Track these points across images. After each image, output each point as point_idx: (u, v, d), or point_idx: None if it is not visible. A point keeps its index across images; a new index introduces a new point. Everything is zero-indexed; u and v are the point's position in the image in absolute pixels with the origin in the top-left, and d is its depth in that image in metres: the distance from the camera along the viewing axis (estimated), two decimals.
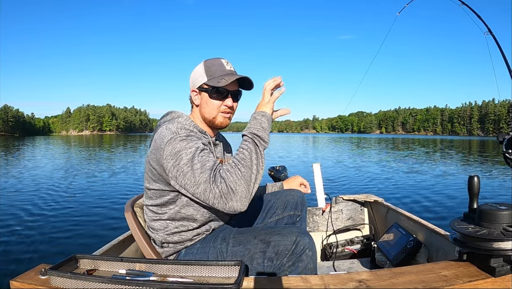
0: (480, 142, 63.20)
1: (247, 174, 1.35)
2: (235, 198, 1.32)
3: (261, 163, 1.41)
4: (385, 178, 11.34)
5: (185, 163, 1.40)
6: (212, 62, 1.68)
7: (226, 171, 1.35)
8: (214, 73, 1.64)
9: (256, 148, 1.42)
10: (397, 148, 35.13)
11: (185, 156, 1.41)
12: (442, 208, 6.96)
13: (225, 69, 1.66)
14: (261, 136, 1.45)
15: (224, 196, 1.32)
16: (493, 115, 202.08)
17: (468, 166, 16.73)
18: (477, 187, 1.37)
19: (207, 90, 1.65)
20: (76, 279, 1.11)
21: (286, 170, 2.79)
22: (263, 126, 1.48)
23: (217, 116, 1.68)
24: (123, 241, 2.09)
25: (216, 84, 1.61)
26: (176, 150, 1.43)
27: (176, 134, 1.47)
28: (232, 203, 1.33)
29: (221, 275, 1.22)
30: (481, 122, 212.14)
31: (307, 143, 49.38)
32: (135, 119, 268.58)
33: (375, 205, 2.96)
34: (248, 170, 1.36)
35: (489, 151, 31.53)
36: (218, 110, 1.67)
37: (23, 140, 69.59)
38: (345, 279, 1.16)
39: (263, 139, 1.45)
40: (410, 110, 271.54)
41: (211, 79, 1.63)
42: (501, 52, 2.15)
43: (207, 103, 1.67)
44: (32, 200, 7.60)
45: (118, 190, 9.03)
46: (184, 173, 1.40)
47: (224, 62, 1.68)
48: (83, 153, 25.95)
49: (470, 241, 1.23)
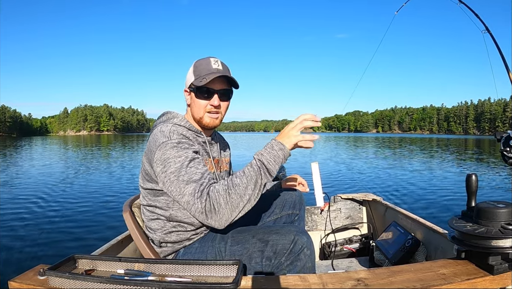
0: (476, 141, 63.43)
1: (235, 201, 1.34)
2: (215, 218, 1.34)
3: (257, 194, 1.38)
4: (383, 177, 11.37)
5: (172, 172, 1.42)
6: (200, 62, 1.67)
7: (216, 191, 1.35)
8: (200, 73, 1.63)
9: (258, 179, 1.36)
10: (394, 147, 35.15)
11: (173, 164, 1.42)
12: (441, 206, 6.98)
13: (211, 68, 1.63)
14: (269, 169, 1.37)
15: (206, 213, 1.34)
16: (489, 114, 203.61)
17: (466, 164, 16.77)
18: (475, 185, 1.37)
19: (193, 90, 1.65)
20: (75, 279, 1.10)
21: (284, 169, 2.79)
22: (276, 160, 1.38)
23: (203, 117, 1.67)
24: (122, 241, 2.09)
25: (198, 83, 1.60)
26: (165, 156, 1.44)
27: (168, 140, 1.47)
28: (211, 221, 1.36)
29: (219, 275, 1.22)
30: (477, 121, 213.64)
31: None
32: (132, 119, 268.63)
33: (373, 204, 2.96)
34: (238, 198, 1.34)
35: (486, 149, 31.61)
36: (204, 110, 1.65)
37: (20, 140, 69.40)
38: (343, 277, 1.16)
39: (270, 173, 1.38)
40: (406, 109, 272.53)
41: (196, 78, 1.63)
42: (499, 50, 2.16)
43: (194, 103, 1.66)
44: (30, 200, 7.59)
45: (116, 190, 9.02)
46: (170, 181, 1.42)
47: (213, 60, 1.65)
48: (81, 153, 25.91)
49: (468, 239, 1.23)
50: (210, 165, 1.71)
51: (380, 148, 34.18)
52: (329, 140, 62.64)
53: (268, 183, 2.26)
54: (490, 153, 25.81)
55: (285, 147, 1.40)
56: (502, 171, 13.02)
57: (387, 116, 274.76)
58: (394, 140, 60.09)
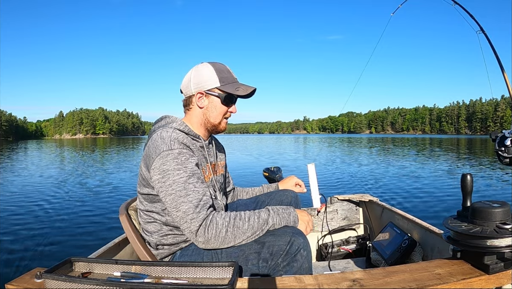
0: (468, 140, 63.72)
1: (228, 239, 1.41)
2: (202, 242, 1.41)
3: (251, 240, 1.45)
4: (379, 178, 11.37)
5: (170, 184, 1.43)
6: (221, 68, 1.67)
7: (215, 223, 1.41)
8: (226, 80, 1.64)
9: (258, 232, 1.45)
10: (389, 147, 35.23)
11: (171, 176, 1.44)
12: (437, 207, 6.99)
13: (234, 77, 1.68)
14: (274, 224, 1.48)
15: (195, 235, 1.40)
16: (480, 114, 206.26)
17: (461, 164, 16.80)
18: (470, 185, 1.37)
19: (220, 95, 1.64)
20: (71, 282, 1.10)
21: (281, 170, 2.79)
22: (282, 224, 1.50)
23: (221, 122, 1.71)
24: (118, 243, 2.08)
25: (234, 92, 1.63)
26: (165, 167, 1.45)
27: (169, 149, 1.47)
28: (197, 242, 1.43)
29: (215, 276, 1.21)
30: (468, 121, 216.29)
31: (299, 144, 49.44)
32: (127, 122, 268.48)
33: (370, 205, 2.97)
34: (233, 238, 1.41)
35: (478, 148, 31.75)
36: (223, 116, 1.70)
37: (17, 144, 69.18)
38: (339, 278, 1.16)
39: (273, 226, 1.48)
40: (399, 110, 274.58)
41: (225, 85, 1.63)
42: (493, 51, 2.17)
43: (215, 108, 1.67)
44: (26, 204, 7.55)
45: (113, 192, 8.99)
46: (168, 193, 1.44)
47: (229, 68, 1.70)
48: (78, 156, 25.82)
49: (463, 239, 1.23)
50: (208, 171, 1.71)
51: (374, 148, 34.26)
52: (324, 141, 62.78)
53: (265, 185, 2.27)
54: (482, 152, 25.95)
55: (297, 224, 1.53)
56: (497, 170, 13.07)
57: (380, 117, 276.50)
58: (387, 141, 60.28)
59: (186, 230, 1.41)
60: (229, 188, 2.13)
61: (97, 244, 2.10)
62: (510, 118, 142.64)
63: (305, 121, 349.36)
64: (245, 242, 1.43)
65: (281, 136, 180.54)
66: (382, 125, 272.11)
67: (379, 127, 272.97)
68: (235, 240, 1.41)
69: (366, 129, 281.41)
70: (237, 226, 1.41)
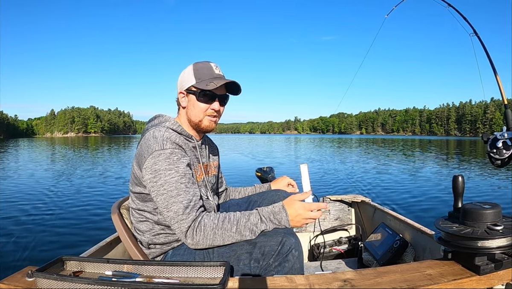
0: (458, 142, 64.19)
1: (217, 241, 1.42)
2: (191, 242, 1.43)
3: (239, 241, 1.45)
4: (371, 178, 11.42)
5: (161, 184, 1.44)
6: (201, 66, 1.67)
7: (204, 225, 1.42)
8: (202, 76, 1.63)
9: (247, 234, 1.43)
10: (380, 148, 35.36)
11: (163, 176, 1.45)
12: (429, 208, 7.04)
13: (213, 72, 1.66)
14: (264, 230, 1.46)
15: (185, 235, 1.42)
16: (470, 116, 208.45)
17: (452, 165, 16.92)
18: (461, 187, 1.38)
19: (195, 92, 1.64)
20: (62, 281, 1.09)
21: (273, 171, 2.78)
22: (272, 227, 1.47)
23: (203, 120, 1.68)
24: (110, 243, 2.08)
25: (205, 87, 1.61)
26: (157, 167, 1.46)
27: (161, 149, 1.47)
28: (186, 242, 1.45)
29: (206, 276, 1.21)
30: (458, 123, 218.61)
31: (290, 144, 49.52)
32: (119, 121, 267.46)
33: (362, 205, 2.98)
34: (221, 240, 1.42)
35: (468, 150, 31.98)
36: (204, 113, 1.67)
37: (7, 142, 68.61)
38: (330, 278, 1.16)
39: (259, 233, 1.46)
40: (389, 111, 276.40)
41: (199, 82, 1.63)
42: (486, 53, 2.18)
43: (194, 106, 1.66)
44: (18, 203, 7.50)
45: (104, 191, 8.95)
46: (159, 193, 1.45)
47: (213, 66, 1.68)
48: (69, 155, 25.66)
49: (454, 240, 1.24)
50: (200, 171, 1.71)
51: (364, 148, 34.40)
52: (315, 141, 62.93)
53: (257, 185, 2.27)
54: (472, 153, 26.15)
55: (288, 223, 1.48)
56: (488, 172, 13.17)
57: (371, 118, 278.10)
58: (377, 142, 60.50)
59: (176, 230, 1.43)
60: (222, 188, 2.12)
61: (88, 243, 2.09)
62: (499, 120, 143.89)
63: (296, 121, 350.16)
64: (234, 242, 1.44)
65: (272, 136, 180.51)
66: (373, 126, 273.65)
67: (370, 128, 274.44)
68: (223, 242, 1.42)
69: (357, 130, 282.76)
70: (225, 228, 1.42)
